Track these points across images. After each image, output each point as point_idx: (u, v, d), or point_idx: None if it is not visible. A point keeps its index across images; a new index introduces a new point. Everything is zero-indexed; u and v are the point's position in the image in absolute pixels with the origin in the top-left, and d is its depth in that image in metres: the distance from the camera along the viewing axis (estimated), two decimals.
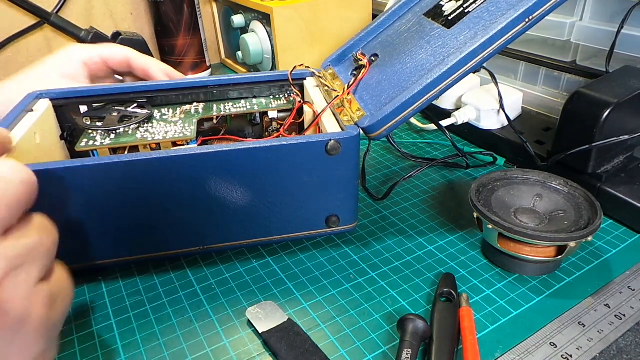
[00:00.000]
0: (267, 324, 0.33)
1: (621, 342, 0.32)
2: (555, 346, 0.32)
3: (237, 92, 0.46)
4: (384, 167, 0.53)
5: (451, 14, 0.39)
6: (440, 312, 0.33)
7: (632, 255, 0.39)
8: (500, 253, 0.37)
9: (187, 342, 0.33)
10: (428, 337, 0.31)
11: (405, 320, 0.31)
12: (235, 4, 0.73)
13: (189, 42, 0.74)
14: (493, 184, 0.40)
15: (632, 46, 0.47)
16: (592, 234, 0.34)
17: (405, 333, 0.31)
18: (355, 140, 0.35)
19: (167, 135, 0.41)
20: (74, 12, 0.72)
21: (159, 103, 0.45)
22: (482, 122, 0.55)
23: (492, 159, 0.52)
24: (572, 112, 0.43)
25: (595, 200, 0.37)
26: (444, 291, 0.35)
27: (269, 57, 0.70)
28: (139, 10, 0.78)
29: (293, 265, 0.39)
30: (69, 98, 0.42)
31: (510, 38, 0.34)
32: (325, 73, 0.46)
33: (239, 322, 0.34)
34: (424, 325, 0.31)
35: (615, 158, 0.44)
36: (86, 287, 0.38)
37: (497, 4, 0.36)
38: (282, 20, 0.65)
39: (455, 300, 0.34)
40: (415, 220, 0.44)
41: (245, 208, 0.36)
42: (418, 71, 0.37)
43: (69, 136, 0.43)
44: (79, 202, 0.33)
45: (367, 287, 0.37)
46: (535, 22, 0.34)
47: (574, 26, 0.51)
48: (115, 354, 0.32)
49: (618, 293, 0.35)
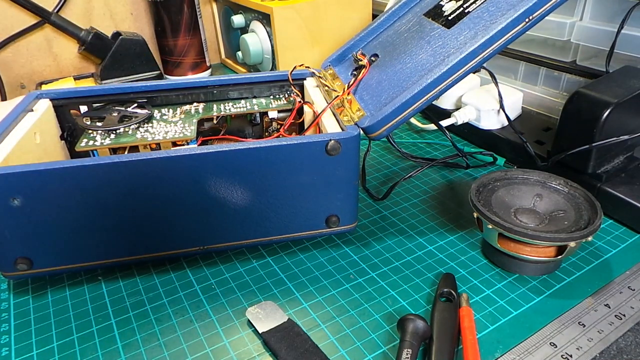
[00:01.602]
0: (267, 324, 0.33)
1: (621, 342, 0.32)
2: (555, 346, 0.32)
3: (237, 92, 0.46)
4: (384, 167, 0.53)
5: (451, 14, 0.39)
6: (440, 312, 0.33)
7: (632, 255, 0.39)
8: (500, 253, 0.37)
9: (187, 342, 0.33)
10: (428, 337, 0.31)
11: (405, 320, 0.31)
12: (235, 4, 0.73)
13: (189, 42, 0.74)
14: (493, 184, 0.40)
15: (632, 46, 0.47)
16: (592, 234, 0.34)
17: (405, 333, 0.31)
18: (355, 140, 0.35)
19: (167, 135, 0.41)
20: (74, 12, 0.72)
21: (159, 103, 0.45)
22: (482, 122, 0.55)
23: (492, 159, 0.52)
24: (572, 112, 0.43)
25: (595, 200, 0.37)
26: (444, 291, 0.35)
27: (269, 57, 0.70)
28: (139, 10, 0.78)
29: (293, 265, 0.39)
30: (69, 98, 0.42)
31: (510, 38, 0.34)
32: (325, 73, 0.46)
33: (239, 322, 0.34)
34: (424, 325, 0.31)
35: (615, 158, 0.44)
36: (86, 287, 0.38)
37: (497, 4, 0.36)
38: (282, 20, 0.65)
39: (455, 300, 0.34)
40: (415, 220, 0.44)
41: (245, 208, 0.36)
42: (418, 71, 0.37)
43: (69, 136, 0.43)
44: (79, 202, 0.33)
45: (367, 287, 0.37)
46: (535, 22, 0.34)
47: (574, 26, 0.51)
48: (115, 354, 0.32)
49: (618, 293, 0.35)
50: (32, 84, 0.73)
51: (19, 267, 0.35)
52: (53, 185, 0.32)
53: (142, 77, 0.71)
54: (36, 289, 0.38)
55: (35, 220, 0.33)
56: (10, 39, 0.69)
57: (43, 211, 0.33)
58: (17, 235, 0.33)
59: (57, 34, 0.72)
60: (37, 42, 0.72)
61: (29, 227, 0.33)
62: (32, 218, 0.33)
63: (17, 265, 0.34)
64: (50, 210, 0.33)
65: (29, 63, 0.73)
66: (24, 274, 0.35)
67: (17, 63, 0.72)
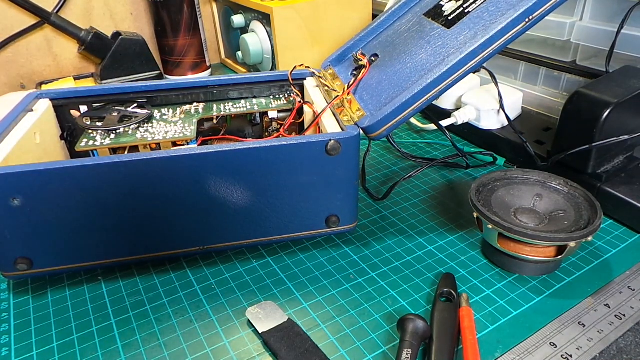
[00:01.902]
0: (267, 324, 0.33)
1: (621, 342, 0.32)
2: (555, 346, 0.32)
3: (237, 92, 0.46)
4: (384, 167, 0.53)
5: (451, 14, 0.39)
6: (440, 312, 0.33)
7: (632, 255, 0.39)
8: (500, 253, 0.37)
9: (187, 342, 0.33)
10: (428, 337, 0.31)
11: (405, 320, 0.31)
12: (235, 4, 0.73)
13: (189, 42, 0.74)
14: (493, 184, 0.40)
15: (632, 46, 0.47)
16: (592, 234, 0.34)
17: (405, 333, 0.31)
18: (355, 140, 0.35)
19: (167, 135, 0.41)
20: (74, 12, 0.72)
21: (159, 103, 0.45)
22: (482, 122, 0.55)
23: (492, 159, 0.52)
24: (572, 112, 0.43)
25: (595, 200, 0.37)
26: (444, 291, 0.35)
27: (269, 57, 0.70)
28: (139, 10, 0.78)
29: (293, 265, 0.39)
30: (69, 98, 0.42)
31: (510, 38, 0.34)
32: (325, 73, 0.46)
33: (239, 322, 0.34)
34: (424, 325, 0.31)
35: (615, 158, 0.44)
36: (86, 287, 0.38)
37: (497, 4, 0.36)
38: (282, 20, 0.65)
39: (455, 300, 0.34)
40: (415, 220, 0.44)
41: (245, 208, 0.36)
42: (418, 71, 0.37)
43: (69, 136, 0.43)
44: (79, 202, 0.33)
45: (367, 287, 0.37)
46: (535, 22, 0.34)
47: (574, 26, 0.51)
48: (115, 354, 0.32)
49: (618, 293, 0.35)
50: (32, 84, 0.73)
51: (19, 267, 0.35)
52: (53, 185, 0.32)
53: (142, 77, 0.71)
54: (36, 289, 0.38)
55: (35, 220, 0.33)
56: (10, 39, 0.69)
57: (43, 211, 0.33)
58: (17, 235, 0.33)
59: (57, 34, 0.72)
60: (37, 42, 0.72)
61: (29, 227, 0.33)
62: (32, 218, 0.33)
63: (17, 265, 0.34)
64: (50, 210, 0.33)
65: (29, 63, 0.73)
66: (24, 274, 0.35)
67: (17, 63, 0.72)
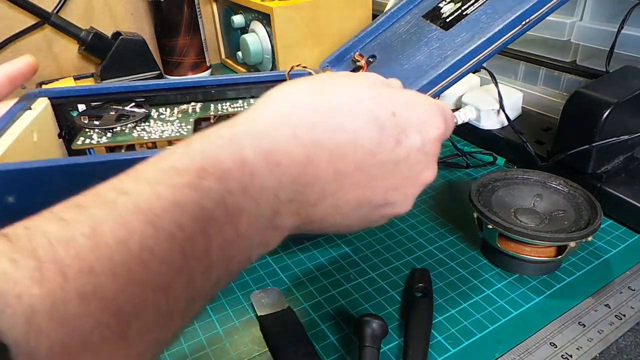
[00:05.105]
0: (266, 309, 0.34)
1: (621, 342, 0.32)
2: (555, 346, 0.31)
3: (235, 92, 0.46)
4: None
5: (449, 16, 0.39)
6: (415, 307, 0.33)
7: (632, 255, 0.39)
8: (500, 253, 0.37)
9: (187, 342, 0.33)
10: (386, 334, 0.31)
11: (361, 322, 0.30)
12: (235, 4, 0.73)
13: (189, 42, 0.74)
14: (493, 184, 0.40)
15: (632, 46, 0.47)
16: (592, 234, 0.34)
17: (364, 338, 0.30)
18: None
19: (163, 134, 0.41)
20: (74, 12, 0.72)
21: (157, 102, 0.45)
22: (482, 122, 0.54)
23: (492, 159, 0.52)
24: (572, 112, 0.43)
25: (595, 200, 0.37)
26: (419, 286, 0.35)
27: (269, 57, 0.70)
28: (139, 10, 0.78)
29: (293, 265, 0.39)
30: (67, 97, 0.42)
31: (508, 40, 0.34)
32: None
33: (239, 322, 0.34)
34: (379, 325, 0.30)
35: (615, 158, 0.44)
36: None
37: (494, 6, 0.36)
38: (282, 20, 0.65)
39: (430, 295, 0.34)
40: (415, 220, 0.44)
41: None
42: (415, 72, 0.37)
43: (67, 134, 0.43)
44: None
45: (367, 287, 0.37)
46: (533, 24, 0.34)
47: (574, 26, 0.51)
48: None
49: (618, 293, 0.35)
50: (32, 84, 0.73)
51: None
52: (48, 183, 0.32)
53: (142, 77, 0.71)
54: None
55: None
56: (10, 39, 0.69)
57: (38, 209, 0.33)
58: None
59: (57, 34, 0.72)
60: (37, 42, 0.72)
61: None
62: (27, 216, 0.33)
63: None
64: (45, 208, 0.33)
65: None
66: None
67: None
